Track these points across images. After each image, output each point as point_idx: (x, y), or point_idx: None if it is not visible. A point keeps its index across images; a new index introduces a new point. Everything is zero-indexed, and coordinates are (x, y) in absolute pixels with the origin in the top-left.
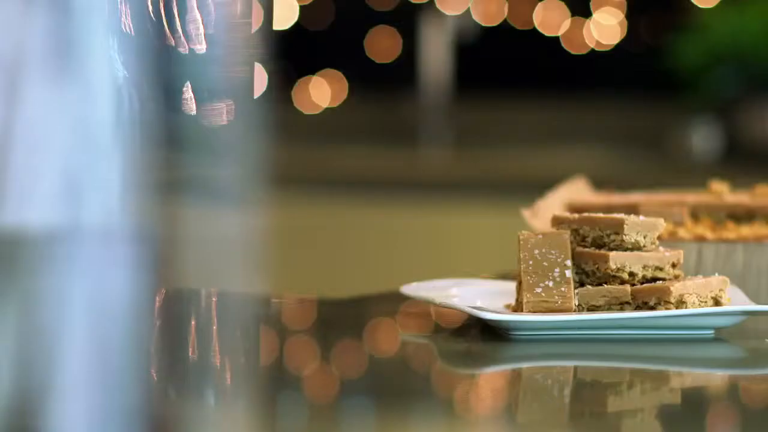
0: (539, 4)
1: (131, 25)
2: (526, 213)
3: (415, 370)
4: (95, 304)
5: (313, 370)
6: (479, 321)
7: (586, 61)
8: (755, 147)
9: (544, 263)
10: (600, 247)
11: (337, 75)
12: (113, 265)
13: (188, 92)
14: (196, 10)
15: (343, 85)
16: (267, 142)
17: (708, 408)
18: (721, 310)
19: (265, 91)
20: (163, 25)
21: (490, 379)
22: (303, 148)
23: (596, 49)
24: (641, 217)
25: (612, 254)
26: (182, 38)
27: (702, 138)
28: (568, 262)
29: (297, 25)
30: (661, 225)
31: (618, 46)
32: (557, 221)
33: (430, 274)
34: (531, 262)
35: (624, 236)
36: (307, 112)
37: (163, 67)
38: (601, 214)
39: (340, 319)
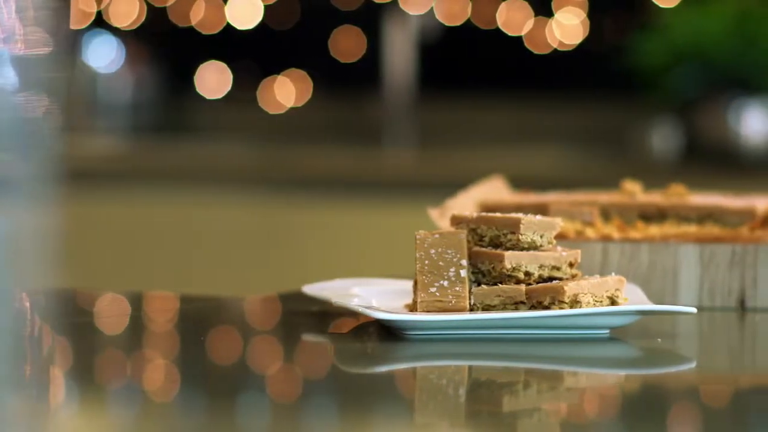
0: (502, 4)
1: None
2: (433, 213)
3: (309, 369)
4: None
5: (198, 370)
6: (377, 321)
7: (549, 61)
8: (715, 147)
9: (440, 263)
10: (497, 246)
11: (302, 74)
12: None
13: None
14: None
15: (308, 85)
16: (65, 139)
17: (602, 407)
18: (615, 310)
19: (50, 94)
20: None
21: (384, 378)
22: (268, 147)
23: (559, 48)
24: (538, 217)
25: (507, 254)
26: None
27: (662, 137)
28: (464, 262)
29: (262, 24)
30: (558, 225)
31: (580, 46)
32: (456, 220)
33: (394, 272)
34: (427, 262)
35: (520, 236)
36: (272, 111)
37: None
38: (498, 214)
39: (247, 319)
